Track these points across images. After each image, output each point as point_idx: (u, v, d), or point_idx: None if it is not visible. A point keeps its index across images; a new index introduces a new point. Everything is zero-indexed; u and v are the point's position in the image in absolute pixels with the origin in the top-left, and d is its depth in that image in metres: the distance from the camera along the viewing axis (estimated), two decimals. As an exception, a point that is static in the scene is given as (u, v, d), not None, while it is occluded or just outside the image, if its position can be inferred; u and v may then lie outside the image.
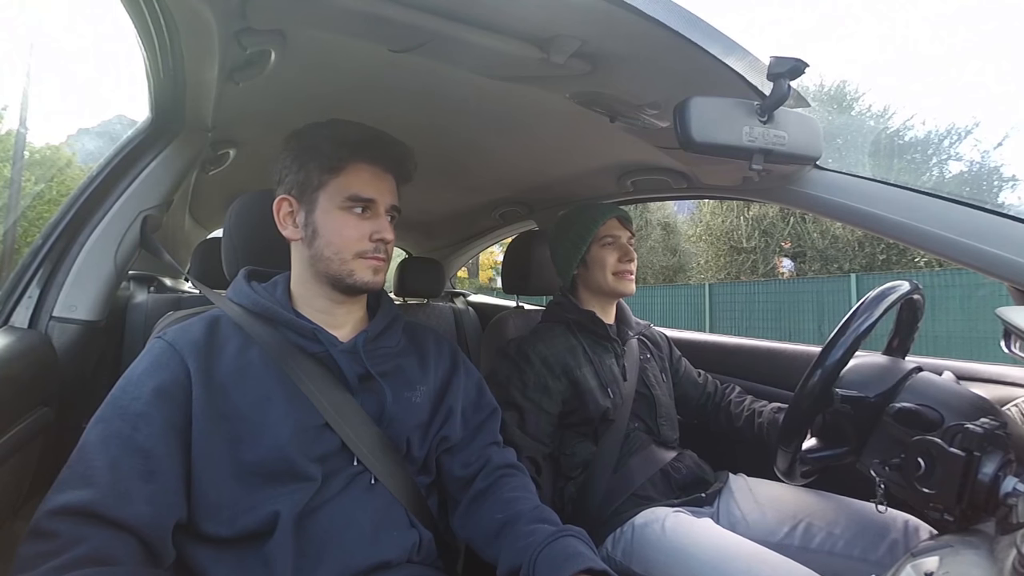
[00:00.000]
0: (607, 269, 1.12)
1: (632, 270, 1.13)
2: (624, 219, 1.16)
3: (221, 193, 1.58)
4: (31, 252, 0.87)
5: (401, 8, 0.63)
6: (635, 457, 1.04)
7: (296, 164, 0.72)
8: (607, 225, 1.14)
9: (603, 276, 1.13)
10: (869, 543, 0.88)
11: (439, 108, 1.01)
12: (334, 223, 0.70)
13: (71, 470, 0.57)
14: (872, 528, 0.88)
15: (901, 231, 0.76)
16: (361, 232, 0.70)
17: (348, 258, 0.70)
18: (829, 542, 0.90)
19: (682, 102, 0.62)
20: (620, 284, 1.12)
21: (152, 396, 0.62)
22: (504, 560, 0.66)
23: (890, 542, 0.86)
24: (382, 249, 0.72)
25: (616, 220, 1.14)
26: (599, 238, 1.14)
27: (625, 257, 1.12)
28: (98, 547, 0.53)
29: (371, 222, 0.71)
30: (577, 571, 0.60)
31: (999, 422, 0.62)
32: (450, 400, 0.78)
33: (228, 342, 0.69)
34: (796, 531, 0.94)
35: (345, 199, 0.70)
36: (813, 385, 0.74)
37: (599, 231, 1.13)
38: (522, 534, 0.67)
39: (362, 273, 0.71)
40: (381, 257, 0.72)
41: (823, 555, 0.89)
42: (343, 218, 0.70)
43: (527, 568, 0.63)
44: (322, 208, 0.70)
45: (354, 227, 0.70)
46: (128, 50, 0.93)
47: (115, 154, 0.92)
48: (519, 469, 0.80)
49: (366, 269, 0.71)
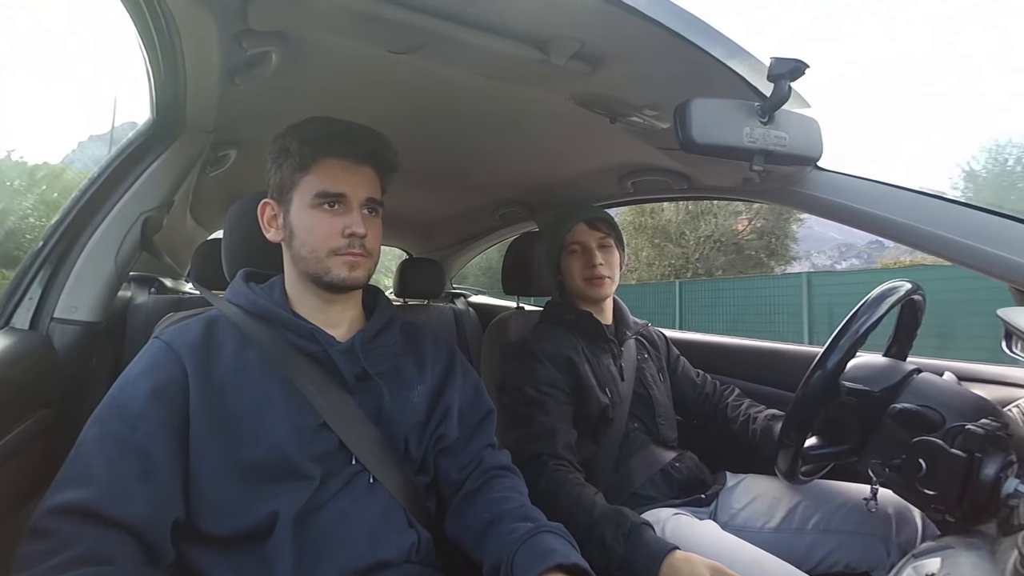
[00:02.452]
0: (576, 276, 1.14)
1: (601, 275, 1.11)
2: (592, 222, 1.15)
3: (222, 194, 1.58)
4: (32, 253, 0.87)
5: (401, 10, 0.63)
6: (635, 457, 1.05)
7: (274, 166, 0.73)
8: (573, 232, 1.14)
9: (573, 283, 1.14)
10: (862, 518, 0.90)
11: (439, 109, 1.01)
12: (306, 222, 0.70)
13: (69, 470, 0.57)
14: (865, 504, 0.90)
15: (901, 232, 0.76)
16: (333, 228, 0.69)
17: (322, 256, 0.70)
18: (824, 520, 0.93)
19: (683, 103, 0.62)
20: (590, 289, 1.12)
21: (149, 396, 0.62)
22: (487, 558, 0.66)
23: (883, 518, 0.89)
24: (357, 244, 0.70)
25: (583, 225, 1.14)
26: (567, 246, 1.15)
27: (589, 263, 1.12)
28: (96, 547, 0.53)
29: (343, 217, 0.70)
30: (549, 566, 0.60)
31: (1000, 423, 0.62)
32: (447, 400, 0.78)
33: (226, 343, 0.69)
34: (793, 514, 0.96)
35: (314, 196, 0.70)
36: (815, 385, 0.74)
37: (566, 239, 1.15)
38: (504, 532, 0.67)
39: (338, 270, 0.70)
40: (357, 252, 0.70)
41: (819, 532, 0.92)
42: (314, 216, 0.70)
43: (506, 566, 0.63)
44: (296, 208, 0.71)
45: (326, 223, 0.69)
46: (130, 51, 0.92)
47: (116, 156, 0.93)
48: (511, 471, 0.80)
49: (342, 266, 0.70)
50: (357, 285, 0.73)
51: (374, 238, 0.73)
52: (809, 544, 0.92)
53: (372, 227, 0.73)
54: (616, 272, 1.15)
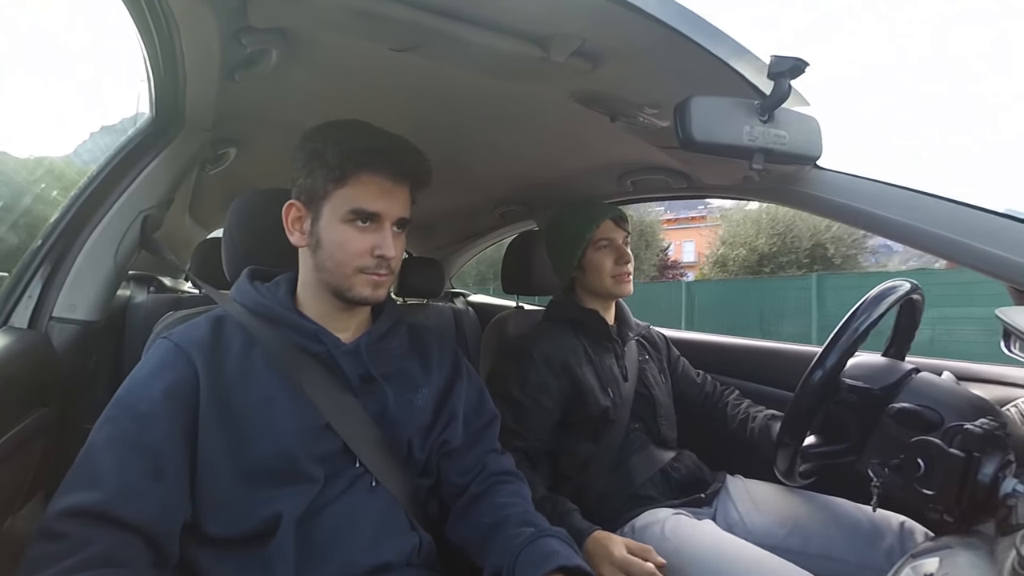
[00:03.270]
0: (604, 273, 1.12)
1: (629, 271, 1.12)
2: (619, 220, 1.15)
3: (222, 192, 1.58)
4: (31, 252, 0.87)
5: (401, 6, 0.63)
6: (635, 457, 1.05)
7: (306, 169, 0.69)
8: (602, 228, 1.13)
9: (600, 280, 1.12)
10: (866, 545, 0.88)
11: (439, 107, 1.00)
12: (336, 236, 0.68)
13: (78, 471, 0.57)
14: (868, 530, 0.89)
15: (901, 231, 0.76)
16: (363, 247, 0.68)
17: (349, 273, 0.69)
18: (827, 545, 0.91)
19: (682, 101, 0.62)
20: (618, 287, 1.12)
21: (160, 397, 0.62)
22: (489, 564, 0.66)
23: (887, 545, 0.87)
24: (384, 265, 0.69)
25: (611, 222, 1.14)
26: (595, 242, 1.13)
27: (621, 260, 1.12)
28: (108, 548, 0.53)
29: (374, 236, 0.69)
30: (552, 569, 0.60)
31: (999, 423, 0.62)
32: (452, 404, 0.78)
33: (232, 342, 0.69)
34: (794, 535, 0.94)
35: (348, 212, 0.67)
36: (814, 384, 0.74)
37: (595, 235, 1.13)
38: (507, 537, 0.67)
39: (361, 288, 0.69)
40: (382, 274, 0.70)
41: (821, 559, 0.89)
42: (345, 231, 0.68)
43: (508, 570, 0.63)
44: (326, 219, 0.69)
45: (356, 241, 0.68)
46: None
47: (115, 153, 0.92)
48: (515, 476, 0.80)
49: (365, 285, 0.69)
50: (377, 302, 0.73)
51: (398, 256, 0.72)
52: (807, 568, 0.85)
53: (398, 245, 0.72)
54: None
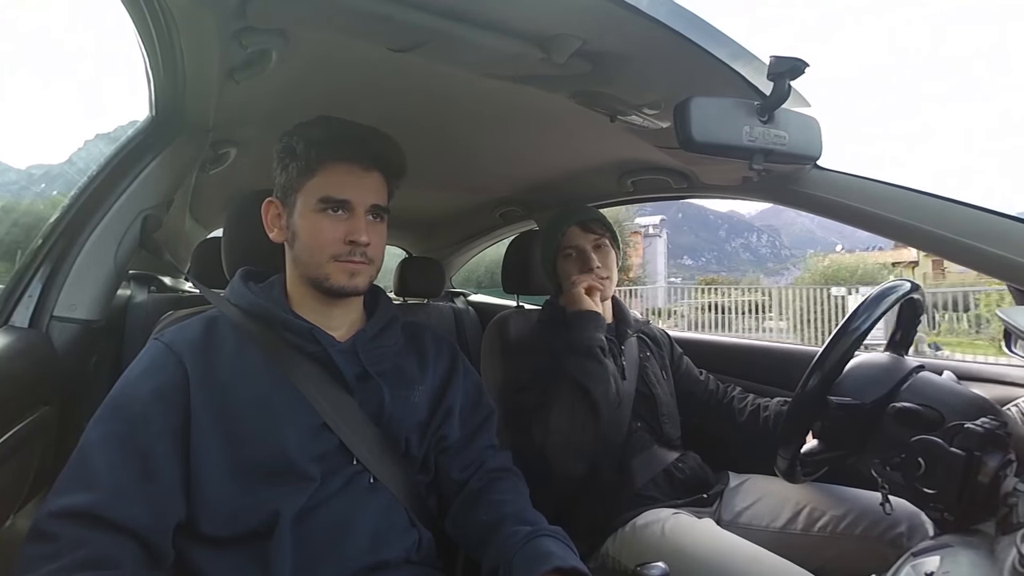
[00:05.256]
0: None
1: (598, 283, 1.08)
2: (586, 223, 1.12)
3: (221, 193, 1.58)
4: (31, 252, 0.87)
5: (401, 7, 0.63)
6: (637, 457, 1.04)
7: (280, 166, 0.72)
8: (568, 235, 1.12)
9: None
10: (871, 523, 0.89)
11: (439, 107, 1.00)
12: (309, 226, 0.69)
13: (71, 472, 0.57)
14: (875, 511, 0.88)
15: (901, 231, 0.76)
16: (335, 234, 0.68)
17: (323, 261, 0.69)
18: (831, 524, 0.92)
19: (682, 102, 0.62)
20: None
21: (150, 397, 0.62)
22: (486, 561, 0.66)
23: (892, 524, 0.87)
24: (358, 252, 0.69)
25: (577, 228, 1.11)
26: (562, 250, 1.12)
27: (586, 267, 1.09)
28: (98, 550, 0.53)
29: (347, 223, 0.69)
30: (547, 570, 0.60)
31: (999, 422, 0.62)
32: (449, 400, 0.78)
33: (226, 342, 0.69)
34: (799, 517, 0.95)
35: (318, 201, 0.68)
36: (813, 387, 0.74)
37: (561, 243, 1.12)
38: (503, 535, 0.67)
39: (337, 277, 0.69)
40: (358, 260, 0.69)
41: (825, 537, 0.91)
42: (317, 220, 0.69)
43: (504, 569, 0.63)
44: (299, 211, 0.70)
45: (329, 229, 0.68)
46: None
47: (115, 154, 0.92)
48: (512, 472, 0.80)
49: (341, 273, 0.69)
50: (356, 292, 0.72)
51: (377, 245, 0.72)
52: (814, 546, 0.91)
53: (376, 234, 0.72)
54: (614, 272, 1.13)
